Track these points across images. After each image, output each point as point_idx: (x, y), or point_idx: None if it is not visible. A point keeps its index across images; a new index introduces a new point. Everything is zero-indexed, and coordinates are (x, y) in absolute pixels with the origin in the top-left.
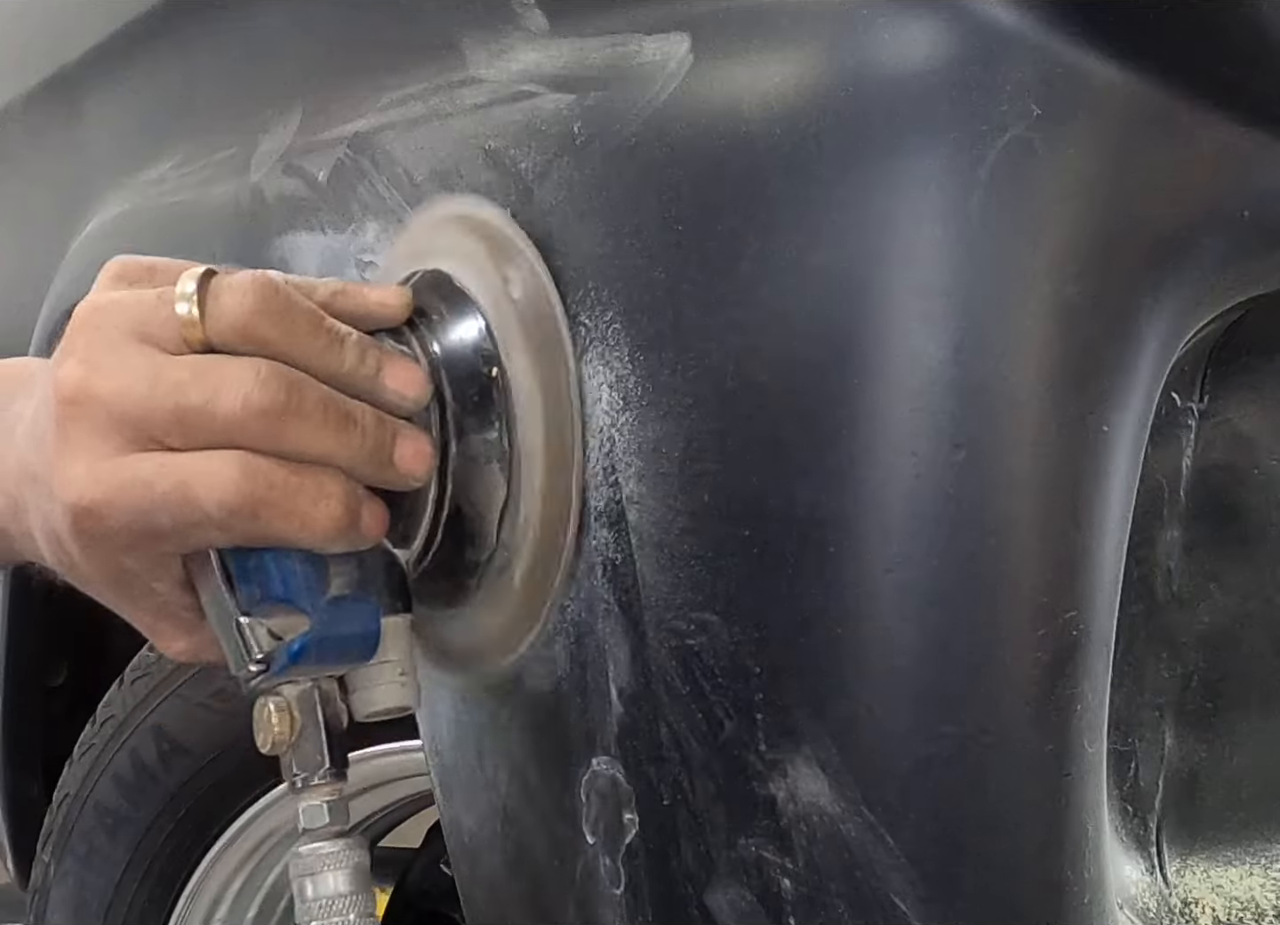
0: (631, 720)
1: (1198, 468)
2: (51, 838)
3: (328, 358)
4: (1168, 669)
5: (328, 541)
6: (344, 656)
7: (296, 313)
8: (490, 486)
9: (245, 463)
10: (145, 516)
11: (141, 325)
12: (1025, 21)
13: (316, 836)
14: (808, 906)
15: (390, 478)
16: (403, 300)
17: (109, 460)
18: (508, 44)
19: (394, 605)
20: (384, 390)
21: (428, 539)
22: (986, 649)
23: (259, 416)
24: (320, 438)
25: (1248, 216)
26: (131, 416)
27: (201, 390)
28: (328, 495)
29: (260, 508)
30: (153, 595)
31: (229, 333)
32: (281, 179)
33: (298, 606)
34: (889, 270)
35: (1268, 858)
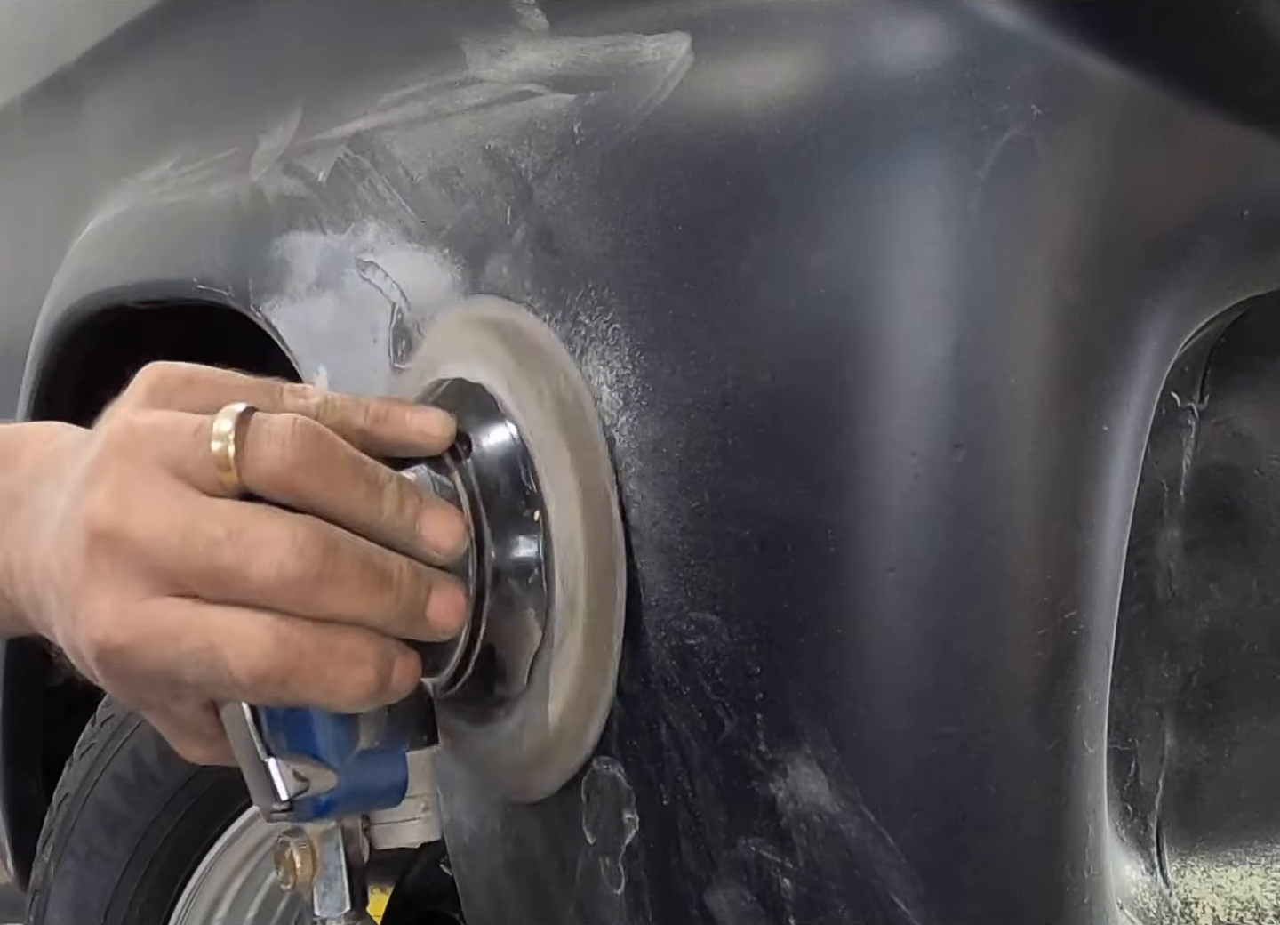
0: (631, 720)
1: (1198, 468)
2: (51, 838)
3: (366, 507)
4: (1168, 669)
5: (356, 706)
6: (371, 806)
7: (336, 463)
8: (524, 630)
9: (276, 630)
10: (170, 667)
11: (177, 461)
12: (1025, 21)
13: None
14: (808, 906)
15: (422, 632)
16: (446, 430)
17: (138, 603)
18: (508, 44)
19: (420, 738)
20: (421, 542)
21: (457, 672)
22: (986, 649)
23: (293, 585)
24: (355, 602)
25: (1247, 216)
26: (163, 566)
27: (235, 552)
28: (358, 661)
29: (289, 675)
30: (174, 717)
31: (266, 483)
32: (281, 179)
33: (326, 762)
34: (889, 270)
35: (1268, 858)
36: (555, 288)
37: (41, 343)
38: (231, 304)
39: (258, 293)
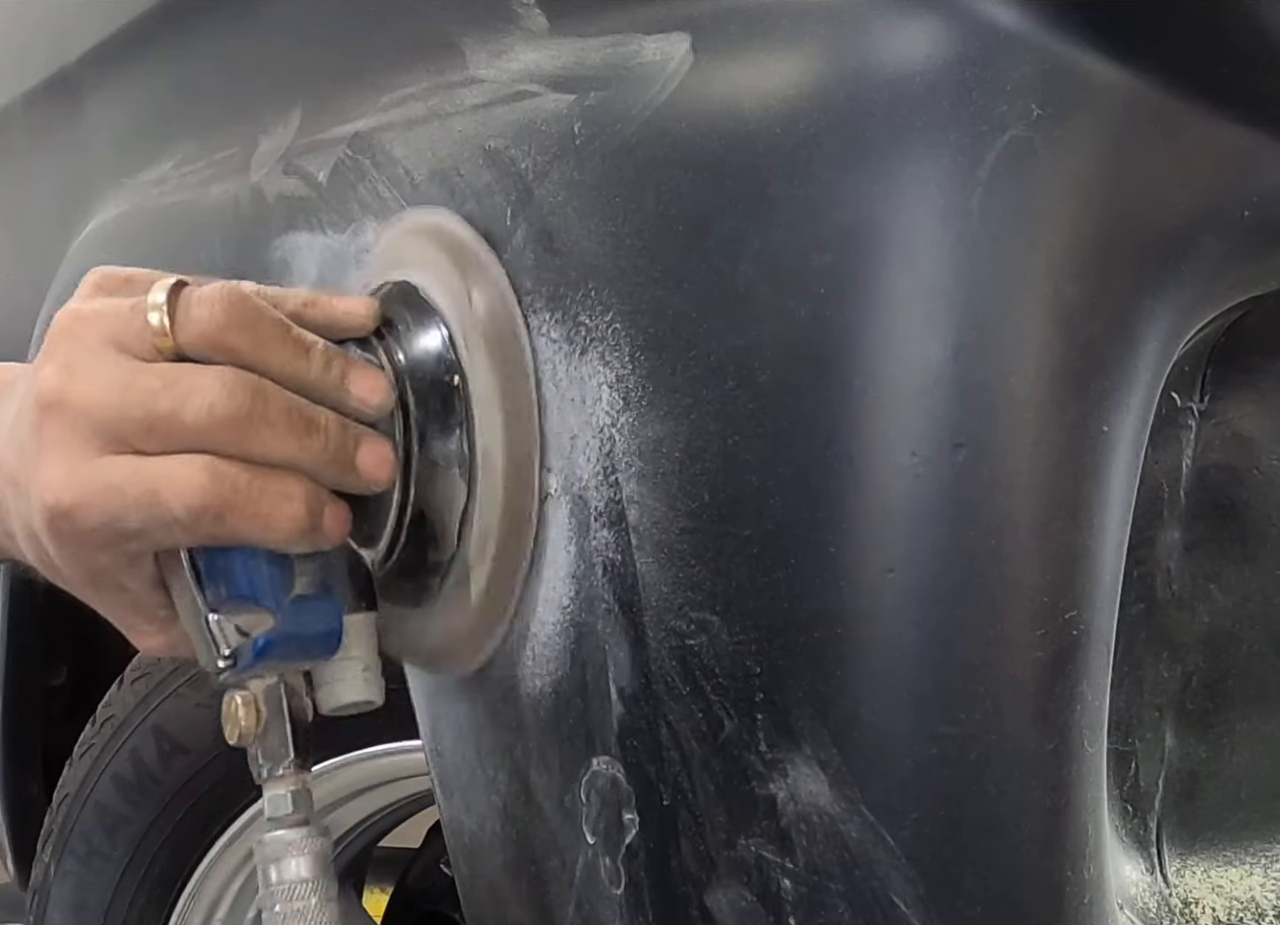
0: (631, 720)
1: (1198, 468)
2: (51, 838)
3: (294, 365)
4: (1168, 669)
5: (290, 542)
6: (308, 652)
7: (264, 323)
8: (452, 491)
9: (211, 467)
10: (116, 518)
11: (117, 335)
12: (1025, 21)
13: (280, 824)
14: (808, 906)
15: (353, 482)
16: (370, 311)
17: (84, 464)
18: (508, 44)
19: (358, 603)
20: (348, 397)
21: (392, 540)
22: (986, 649)
23: (225, 423)
24: (284, 443)
25: (1247, 216)
26: (105, 423)
27: (171, 398)
28: (290, 497)
29: (225, 510)
30: (126, 593)
31: (198, 342)
32: (281, 179)
33: (263, 605)
34: (889, 270)
35: (1268, 858)
36: (555, 288)
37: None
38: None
39: None
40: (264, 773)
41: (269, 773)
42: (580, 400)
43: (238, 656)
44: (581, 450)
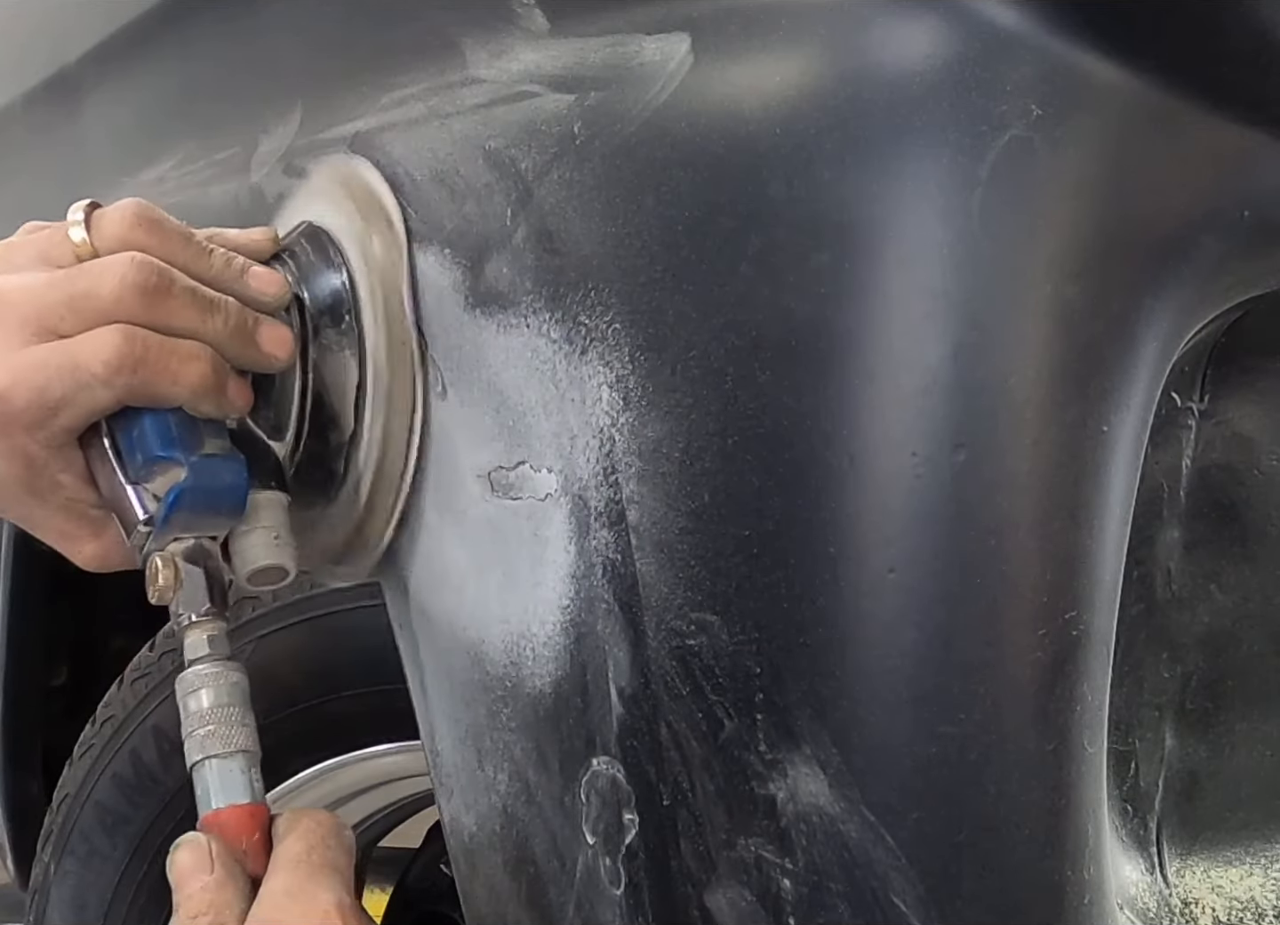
0: (631, 720)
1: (1198, 468)
2: (51, 838)
3: (197, 261)
4: (1168, 669)
5: (197, 397)
6: (216, 506)
7: (169, 227)
8: (345, 371)
9: (124, 330)
10: (43, 391)
11: (43, 251)
12: (1025, 21)
13: (198, 663)
14: (808, 906)
15: (255, 357)
16: (268, 236)
17: (15, 353)
18: (508, 44)
19: (268, 482)
20: (247, 288)
21: (297, 428)
22: (986, 649)
23: (134, 291)
24: (188, 314)
25: (1247, 216)
26: (33, 312)
27: (86, 280)
28: (196, 357)
29: (138, 365)
30: (60, 489)
31: (111, 243)
32: (281, 179)
33: (173, 459)
34: (889, 270)
35: (1268, 858)
36: (555, 288)
37: None
38: None
39: None
40: (183, 621)
41: (188, 621)
42: (580, 400)
43: (154, 517)
44: (581, 450)
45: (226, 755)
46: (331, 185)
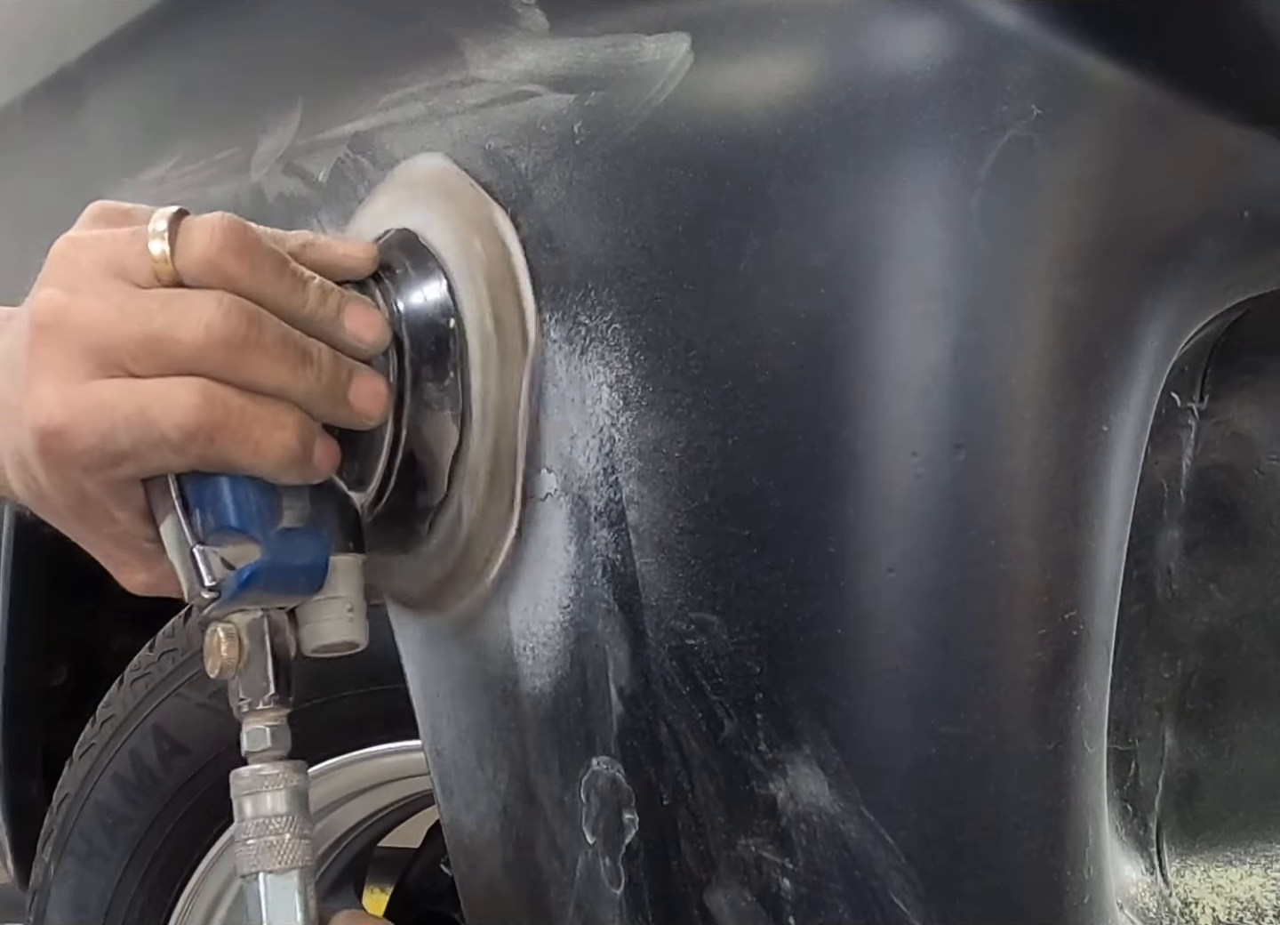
0: (631, 720)
1: (1198, 468)
2: (51, 838)
3: (290, 297)
4: (1168, 669)
5: (280, 470)
6: (292, 586)
7: (262, 253)
8: (443, 433)
9: (204, 388)
10: (107, 438)
11: (116, 260)
12: (1025, 21)
13: (258, 759)
14: (808, 906)
15: (345, 415)
16: (368, 254)
17: (78, 385)
18: (508, 44)
19: (345, 544)
20: (342, 331)
21: (382, 483)
22: (986, 649)
23: (220, 345)
24: (277, 371)
25: (1247, 216)
26: (100, 343)
27: (166, 318)
28: (282, 425)
29: (216, 432)
30: (114, 523)
31: (197, 268)
32: (281, 179)
33: (249, 535)
34: (889, 270)
35: (1268, 858)
36: (555, 288)
37: None
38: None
39: None
40: (244, 707)
41: (249, 707)
42: (580, 400)
43: (222, 588)
44: (581, 450)
45: (282, 871)
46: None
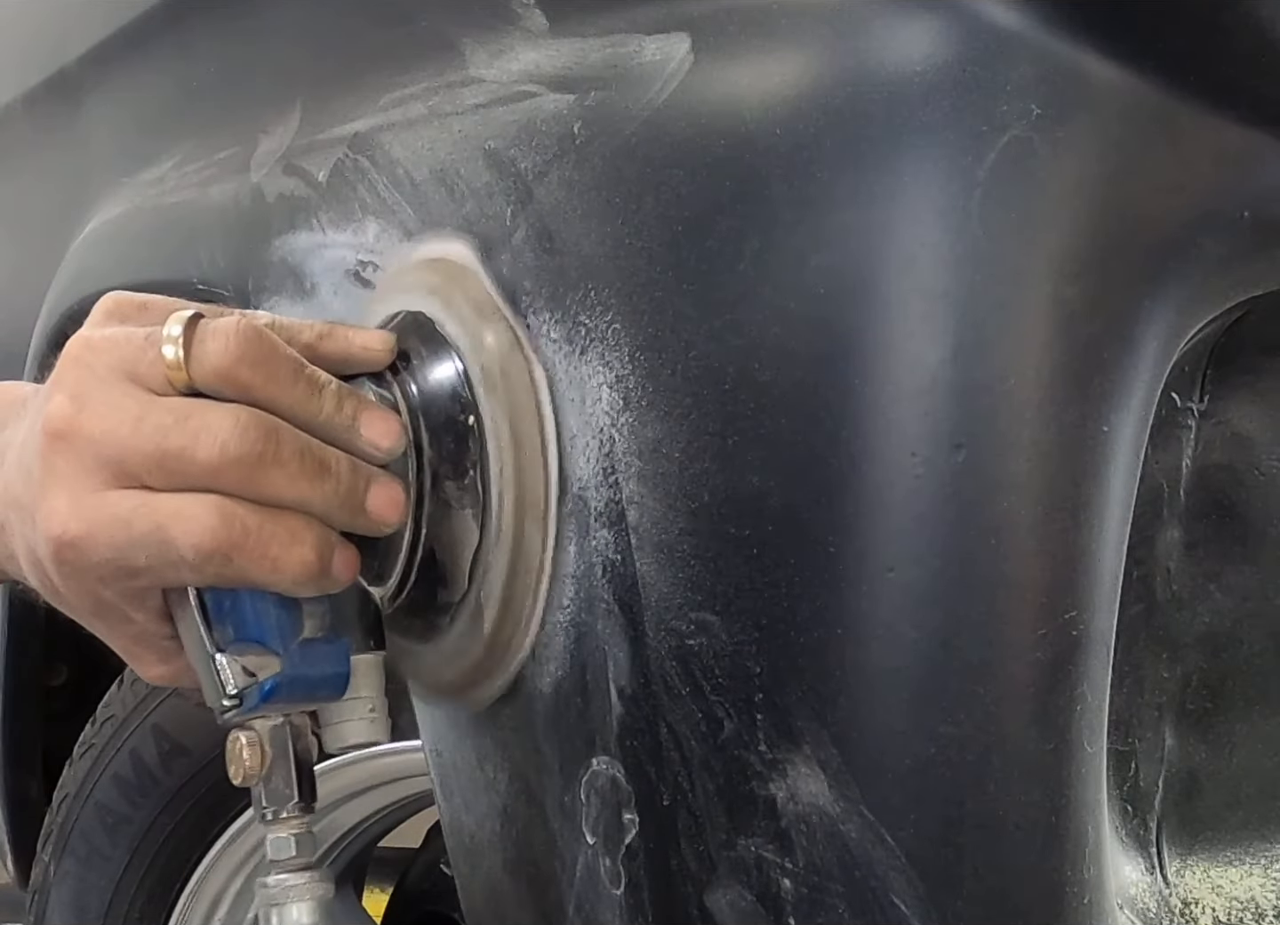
0: (631, 720)
1: (1198, 468)
2: (51, 838)
3: (306, 405)
4: (1168, 669)
5: (298, 586)
6: (314, 696)
7: (277, 360)
8: (463, 531)
9: (221, 508)
10: (123, 553)
11: (130, 365)
12: (1025, 21)
13: (283, 868)
14: (808, 906)
15: (363, 524)
16: (386, 346)
17: (92, 495)
18: (508, 44)
19: (366, 643)
20: (359, 439)
21: (402, 578)
22: (986, 649)
23: (236, 464)
24: (295, 485)
25: (1247, 216)
26: (115, 455)
27: (182, 435)
28: (300, 541)
29: (233, 552)
30: (131, 624)
31: (212, 377)
32: (281, 179)
33: (270, 648)
34: (889, 270)
35: (1268, 858)
36: (555, 288)
37: (42, 343)
38: (232, 304)
39: (258, 293)
40: (268, 815)
41: (273, 815)
42: (580, 400)
43: (244, 698)
44: (581, 450)
45: None
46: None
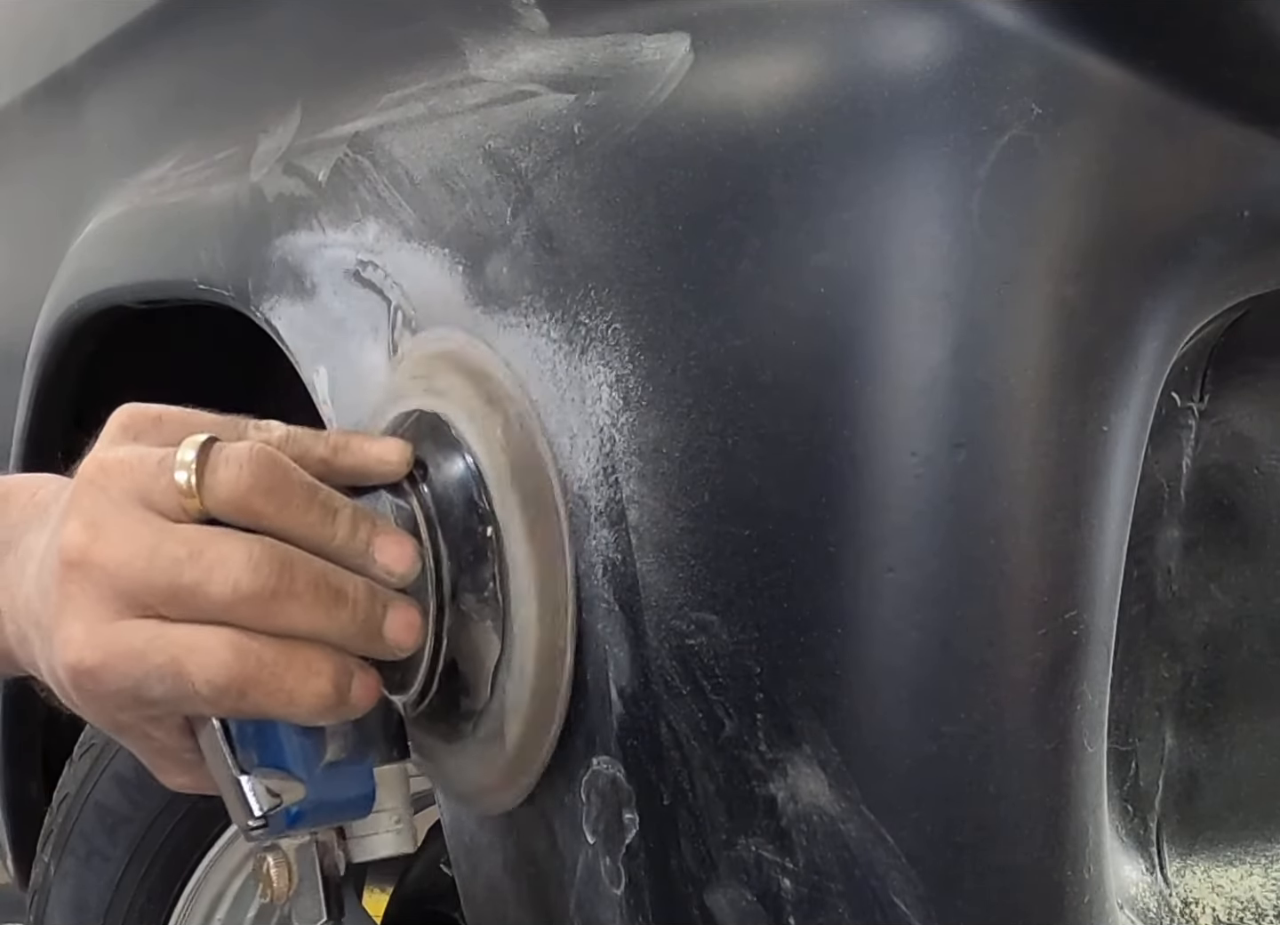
0: (631, 720)
1: (1198, 468)
2: (51, 838)
3: (320, 531)
4: (1168, 669)
5: (315, 717)
6: (340, 817)
7: (290, 487)
8: (484, 643)
9: (235, 643)
10: (139, 685)
11: (144, 491)
12: (1025, 21)
13: None
14: (808, 906)
15: (380, 650)
16: (402, 457)
17: (107, 625)
18: (508, 44)
19: (389, 754)
20: (373, 565)
21: (423, 689)
22: (986, 649)
23: (250, 600)
24: (311, 616)
25: (1248, 216)
26: (130, 587)
27: (195, 571)
28: (316, 673)
29: (248, 686)
30: (151, 740)
31: (224, 507)
32: (281, 179)
33: (294, 774)
34: (889, 270)
35: (1268, 858)
36: (555, 288)
37: (42, 343)
38: (232, 304)
39: (258, 293)
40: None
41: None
42: (580, 400)
43: (270, 820)
44: (581, 450)
45: None
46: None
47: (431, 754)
